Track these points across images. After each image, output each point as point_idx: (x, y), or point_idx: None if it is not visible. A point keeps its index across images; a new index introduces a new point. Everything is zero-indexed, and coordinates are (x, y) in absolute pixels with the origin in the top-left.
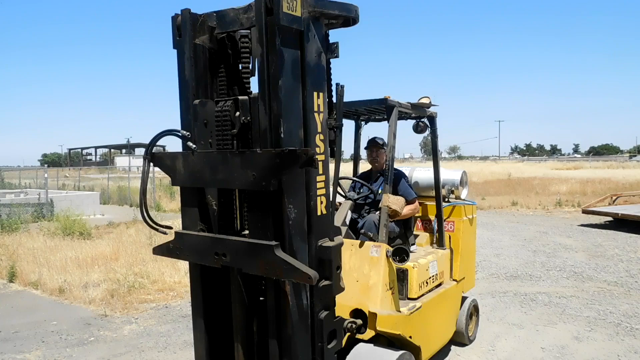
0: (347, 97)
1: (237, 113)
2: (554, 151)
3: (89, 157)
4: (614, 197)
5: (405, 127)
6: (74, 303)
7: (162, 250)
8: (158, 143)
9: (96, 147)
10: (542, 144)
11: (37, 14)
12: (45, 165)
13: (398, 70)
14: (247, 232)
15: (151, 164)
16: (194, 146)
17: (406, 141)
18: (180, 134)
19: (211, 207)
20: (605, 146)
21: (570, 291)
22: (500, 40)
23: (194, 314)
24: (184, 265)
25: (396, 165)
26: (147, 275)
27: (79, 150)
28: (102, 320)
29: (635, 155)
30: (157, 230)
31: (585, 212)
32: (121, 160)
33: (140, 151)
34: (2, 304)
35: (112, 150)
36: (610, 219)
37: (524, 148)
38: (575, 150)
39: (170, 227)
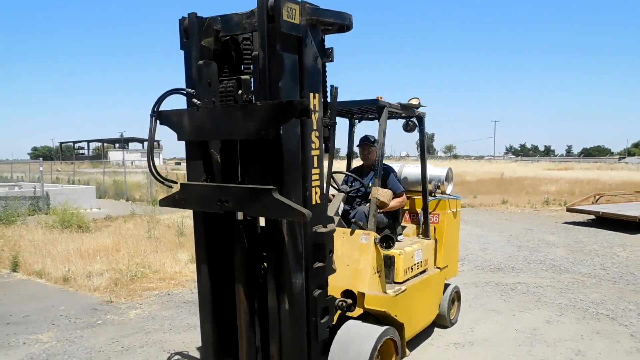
0: (345, 97)
1: (240, 91)
2: (548, 152)
3: (81, 151)
4: (597, 197)
5: (401, 127)
6: (79, 291)
7: (168, 201)
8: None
9: (89, 141)
10: (536, 145)
11: (30, 8)
12: (40, 158)
13: (394, 71)
14: (248, 182)
15: (157, 121)
16: (199, 102)
17: (402, 140)
18: (185, 92)
19: (215, 159)
20: (597, 148)
21: (548, 282)
22: (498, 40)
23: (198, 260)
24: (183, 257)
25: (392, 163)
26: (148, 265)
27: (71, 144)
28: (107, 306)
29: (624, 157)
30: (163, 183)
31: (569, 210)
32: (115, 155)
33: (134, 146)
34: (8, 292)
35: (105, 144)
36: (593, 217)
37: (519, 148)
38: (568, 151)
39: (175, 182)
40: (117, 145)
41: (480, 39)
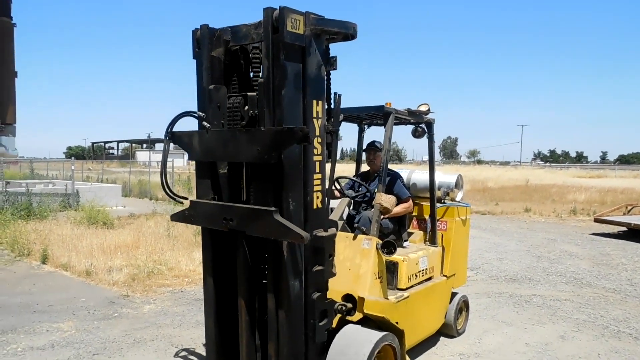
0: (368, 101)
1: (246, 107)
2: (580, 158)
3: (111, 151)
4: (629, 207)
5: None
6: (99, 284)
7: (179, 217)
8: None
9: (118, 142)
10: (567, 151)
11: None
12: (72, 157)
13: (417, 73)
14: (252, 202)
15: (171, 141)
16: (208, 125)
17: (423, 145)
18: (196, 115)
19: (222, 179)
20: (635, 155)
21: (566, 295)
22: (527, 40)
23: (205, 273)
24: (198, 255)
25: (402, 168)
26: (164, 262)
27: (102, 144)
28: (124, 299)
29: None
30: (174, 199)
31: (597, 220)
32: (142, 155)
33: (161, 146)
34: (37, 282)
35: (134, 144)
36: (624, 229)
37: (548, 154)
38: (603, 158)
39: (185, 198)
40: (144, 145)
41: (508, 38)
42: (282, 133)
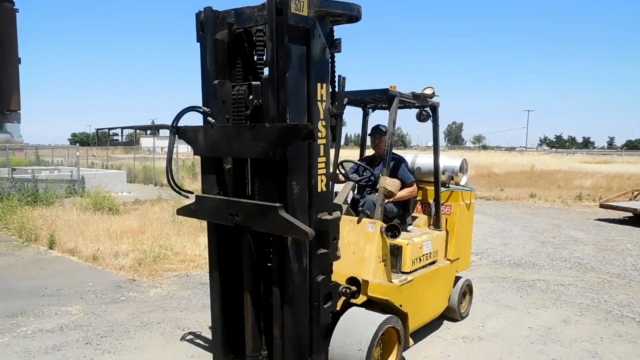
0: (374, 84)
1: (251, 96)
2: (587, 144)
3: (115, 137)
4: (636, 193)
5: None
6: (106, 269)
7: (185, 211)
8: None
9: (122, 128)
10: (573, 136)
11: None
12: (77, 144)
13: (423, 58)
14: (257, 197)
15: (176, 135)
16: (213, 121)
17: (428, 131)
18: (201, 110)
19: (227, 174)
20: None
21: (570, 280)
22: (532, 24)
23: (211, 267)
24: (203, 240)
25: (406, 153)
26: (170, 247)
27: (106, 130)
28: (131, 284)
29: None
30: (180, 194)
31: (602, 206)
32: (146, 141)
33: (164, 132)
34: (45, 267)
35: (138, 131)
36: (630, 214)
37: (554, 140)
38: (610, 143)
39: (191, 192)
40: (148, 132)
41: (514, 23)
42: (286, 130)
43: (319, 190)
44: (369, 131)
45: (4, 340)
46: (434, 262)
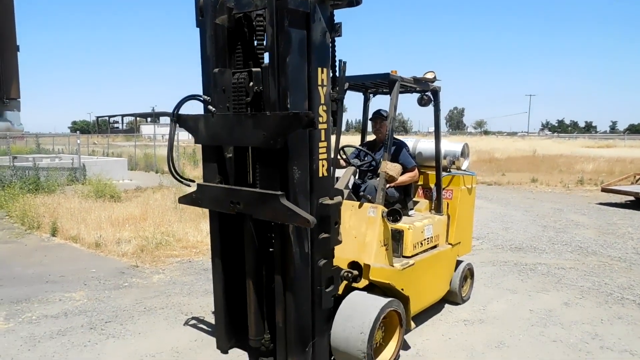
0: (380, 70)
1: (251, 83)
2: (589, 128)
3: (115, 125)
4: (637, 177)
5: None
6: (108, 255)
7: (186, 199)
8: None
9: (123, 115)
10: (575, 121)
11: None
12: (77, 132)
13: (422, 41)
14: (258, 186)
15: (177, 124)
16: (214, 109)
17: (429, 117)
18: (202, 99)
19: (228, 163)
20: None
21: (571, 264)
22: (535, 9)
23: (213, 254)
24: (205, 227)
25: (408, 138)
26: (172, 234)
27: (107, 118)
28: (133, 270)
29: None
30: (182, 182)
31: (604, 190)
32: (147, 129)
33: (165, 120)
34: (48, 254)
35: (138, 118)
36: (631, 198)
37: (556, 124)
38: (612, 128)
39: (193, 181)
40: (148, 119)
41: (516, 6)
42: (287, 118)
43: (320, 175)
44: (370, 116)
45: (9, 326)
46: (435, 246)
